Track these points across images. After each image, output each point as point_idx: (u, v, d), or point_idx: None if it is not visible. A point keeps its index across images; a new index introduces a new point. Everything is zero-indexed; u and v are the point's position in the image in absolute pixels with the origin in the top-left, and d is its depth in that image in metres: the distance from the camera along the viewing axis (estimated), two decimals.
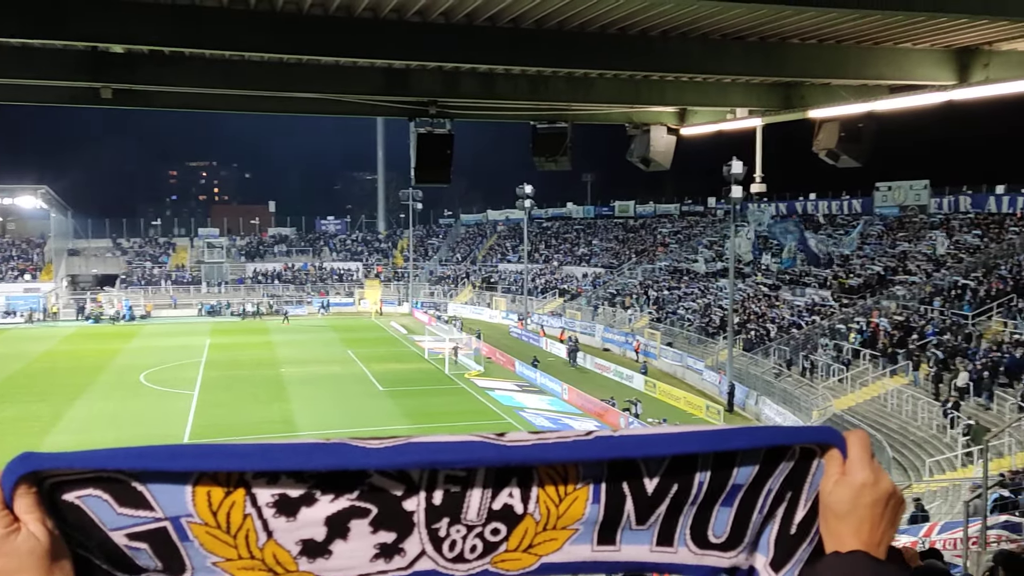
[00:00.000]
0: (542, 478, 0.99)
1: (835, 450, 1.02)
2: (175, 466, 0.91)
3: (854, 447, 1.02)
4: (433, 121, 12.87)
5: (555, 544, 1.01)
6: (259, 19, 8.38)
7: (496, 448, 0.96)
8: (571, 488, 1.00)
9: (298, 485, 0.94)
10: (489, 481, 0.98)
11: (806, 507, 1.04)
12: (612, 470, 1.00)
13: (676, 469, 1.01)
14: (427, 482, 0.97)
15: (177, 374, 41.79)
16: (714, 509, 1.04)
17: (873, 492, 1.00)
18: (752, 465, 1.02)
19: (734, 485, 1.03)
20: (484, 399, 36.33)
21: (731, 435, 1.01)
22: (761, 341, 40.03)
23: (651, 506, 1.02)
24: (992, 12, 7.88)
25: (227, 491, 0.93)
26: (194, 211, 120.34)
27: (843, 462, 1.02)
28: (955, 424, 25.53)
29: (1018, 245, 37.11)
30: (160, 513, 0.92)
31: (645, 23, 9.61)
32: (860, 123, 12.30)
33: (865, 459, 1.02)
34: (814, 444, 1.03)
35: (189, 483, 0.92)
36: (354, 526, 0.95)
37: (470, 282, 73.43)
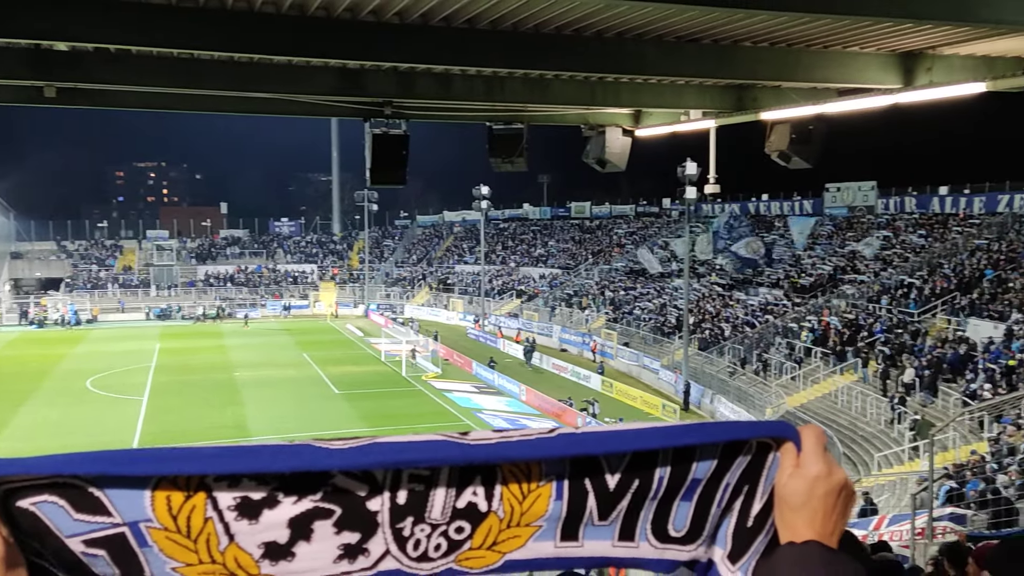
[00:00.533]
0: (506, 476, 0.99)
1: (790, 444, 1.05)
2: (133, 470, 0.89)
3: (808, 441, 1.05)
4: (388, 122, 12.78)
5: (519, 541, 1.02)
6: (208, 16, 8.23)
7: (460, 447, 0.96)
8: (534, 485, 1.00)
9: (260, 487, 0.92)
10: (453, 480, 0.98)
11: (762, 500, 1.06)
12: (574, 467, 1.01)
13: (637, 465, 1.02)
14: (391, 482, 0.96)
15: (125, 379, 40.91)
16: (674, 503, 1.06)
17: (826, 484, 1.03)
18: (710, 460, 1.04)
19: (693, 479, 1.05)
20: (441, 401, 36.22)
21: (690, 430, 1.03)
22: (716, 340, 40.57)
23: (613, 502, 1.03)
24: (936, 17, 8.08)
25: (187, 495, 0.91)
26: (142, 213, 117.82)
27: (797, 455, 1.05)
28: (902, 419, 26.17)
29: (961, 245, 38.17)
30: (118, 519, 0.90)
31: (600, 25, 9.66)
32: (810, 125, 12.52)
33: (819, 452, 1.04)
34: (770, 438, 1.06)
35: (148, 487, 0.90)
36: (317, 527, 0.94)
37: (427, 284, 73.16)
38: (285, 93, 11.45)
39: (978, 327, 29.28)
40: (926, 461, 15.91)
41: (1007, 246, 35.12)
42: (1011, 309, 28.94)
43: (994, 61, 10.56)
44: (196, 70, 10.51)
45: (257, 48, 9.07)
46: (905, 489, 19.28)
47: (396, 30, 9.02)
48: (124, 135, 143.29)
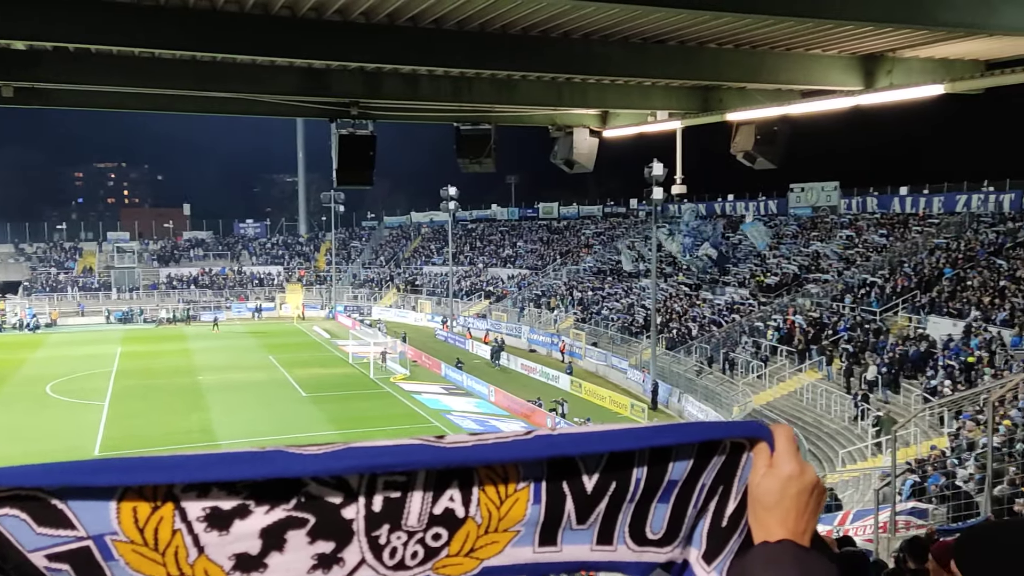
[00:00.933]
0: (483, 480, 0.98)
1: (763, 444, 1.05)
2: (97, 481, 0.86)
3: (781, 440, 1.06)
4: (355, 122, 12.70)
5: (497, 547, 1.00)
6: (170, 15, 8.10)
7: (435, 450, 0.94)
8: (512, 489, 0.99)
9: (230, 497, 0.89)
10: (429, 485, 0.96)
11: (736, 500, 1.07)
12: (552, 469, 1.00)
13: (614, 466, 1.01)
14: (366, 488, 0.94)
15: (86, 384, 40.18)
16: (652, 506, 1.05)
17: (799, 483, 1.04)
18: (686, 460, 1.04)
19: (670, 481, 1.04)
20: (410, 403, 36.07)
21: (665, 431, 1.03)
22: (683, 340, 40.89)
23: (591, 505, 1.02)
24: (895, 20, 8.21)
25: (154, 506, 0.88)
26: (102, 214, 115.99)
27: (771, 455, 1.06)
28: (865, 416, 26.58)
29: (920, 244, 38.89)
30: (82, 532, 0.86)
31: (567, 26, 9.68)
32: (775, 126, 12.67)
33: (791, 452, 1.05)
34: (743, 438, 1.06)
35: (113, 499, 0.87)
36: (291, 537, 0.92)
37: (394, 285, 72.83)
38: (249, 93, 11.32)
39: (938, 325, 29.85)
40: (888, 457, 16.18)
41: (965, 245, 35.85)
42: (970, 307, 29.54)
43: (952, 63, 10.77)
44: (157, 69, 10.35)
45: (220, 47, 8.95)
46: (869, 484, 19.58)
47: (362, 30, 8.95)
48: (83, 135, 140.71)
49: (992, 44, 9.88)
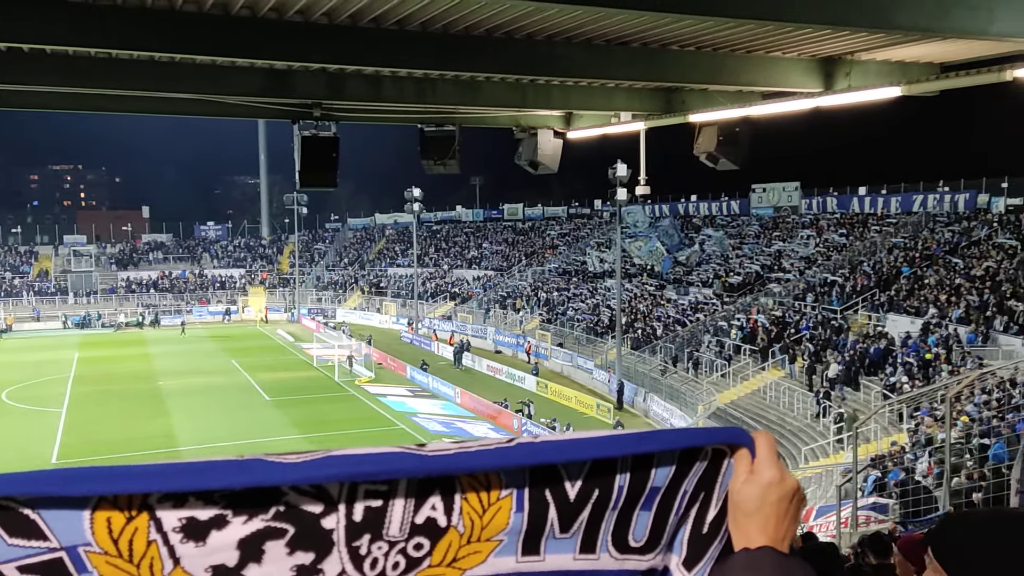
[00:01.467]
0: (465, 488, 0.96)
1: (744, 450, 1.05)
2: (71, 491, 0.83)
3: (761, 447, 1.06)
4: (318, 124, 12.59)
5: (479, 557, 0.99)
6: (127, 15, 7.96)
7: (417, 458, 0.93)
8: (494, 497, 0.98)
9: (208, 506, 0.87)
10: (411, 493, 0.94)
11: (717, 506, 1.07)
12: (534, 477, 0.99)
13: (596, 474, 1.01)
14: (346, 497, 0.92)
15: (43, 391, 39.33)
16: (634, 513, 1.05)
17: (779, 490, 1.04)
18: (668, 467, 1.04)
19: (652, 488, 1.04)
20: (376, 405, 35.86)
21: (647, 438, 1.02)
22: (648, 339, 41.16)
23: (574, 513, 1.01)
24: (853, 23, 8.35)
25: (129, 516, 0.85)
26: (59, 217, 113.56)
27: (751, 461, 1.06)
28: (827, 413, 26.98)
29: (879, 243, 39.60)
30: (55, 543, 0.84)
31: (530, 27, 9.70)
32: (737, 127, 12.82)
33: (772, 458, 1.06)
34: (725, 445, 1.06)
35: (87, 509, 0.84)
36: (269, 548, 0.90)
37: (359, 287, 72.34)
38: (210, 94, 11.17)
39: (896, 322, 30.42)
40: (849, 453, 16.44)
41: (922, 244, 36.58)
42: (927, 305, 30.15)
43: (908, 66, 10.98)
44: (115, 70, 10.16)
45: (179, 47, 8.82)
46: (831, 481, 19.88)
47: (324, 30, 8.88)
48: (39, 137, 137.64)
49: (946, 47, 10.09)
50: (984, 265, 31.18)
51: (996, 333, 26.44)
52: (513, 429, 31.40)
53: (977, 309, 28.06)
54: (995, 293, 28.50)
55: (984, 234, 34.30)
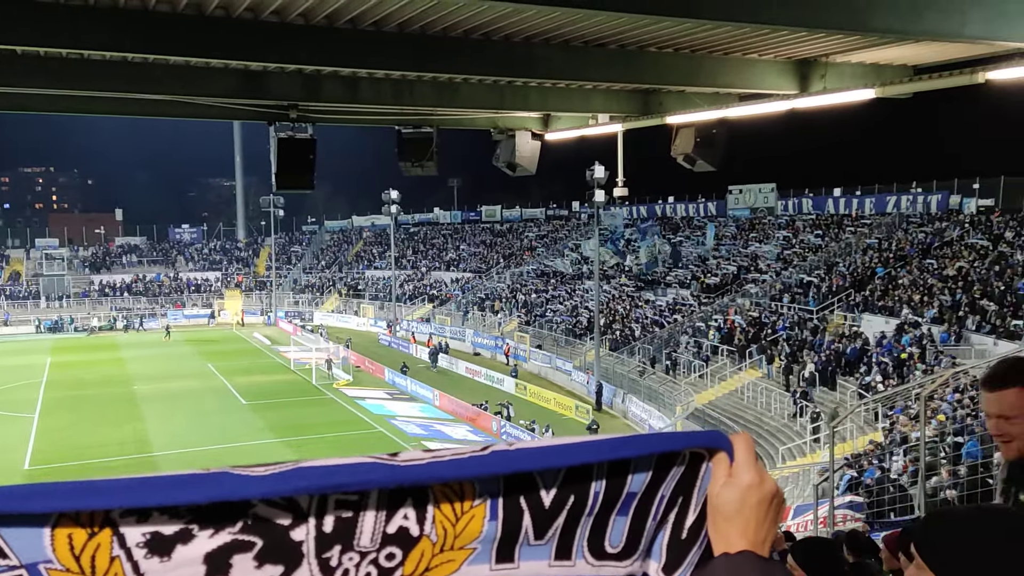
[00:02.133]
0: (438, 497, 0.94)
1: (722, 453, 1.04)
2: (30, 507, 0.80)
3: (740, 450, 1.05)
4: (294, 125, 12.50)
5: (453, 566, 0.97)
6: (99, 14, 7.84)
7: (389, 468, 0.90)
8: (468, 506, 0.95)
9: (172, 521, 0.84)
10: (383, 503, 0.92)
11: (696, 511, 1.05)
12: (508, 484, 0.97)
13: (572, 480, 0.99)
14: (316, 508, 0.89)
15: (14, 396, 38.76)
16: (610, 518, 1.03)
17: (758, 493, 1.03)
18: (645, 472, 1.02)
19: (629, 493, 1.02)
20: (354, 409, 35.67)
21: (624, 443, 1.00)
22: (626, 341, 41.30)
23: (549, 519, 0.99)
24: (828, 25, 8.41)
25: (91, 532, 0.82)
26: (30, 220, 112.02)
27: (730, 465, 1.04)
28: (804, 413, 27.19)
29: (854, 244, 40.01)
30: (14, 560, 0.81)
31: (508, 29, 9.68)
32: (714, 129, 12.88)
33: (750, 461, 1.04)
34: (702, 448, 1.04)
35: (47, 525, 0.81)
36: (237, 562, 0.87)
37: (336, 290, 71.99)
38: (184, 95, 11.04)
39: (871, 322, 30.74)
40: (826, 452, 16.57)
41: (896, 245, 37.00)
42: (901, 305, 30.49)
43: (882, 68, 11.09)
44: (87, 71, 10.02)
45: (152, 48, 8.70)
46: (808, 480, 20.03)
47: (300, 31, 8.81)
48: (9, 139, 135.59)
49: (920, 50, 10.20)
50: (956, 265, 31.60)
51: (968, 332, 26.80)
52: (492, 431, 31.37)
53: (950, 309, 28.42)
54: (967, 293, 28.88)
55: (956, 235, 34.76)
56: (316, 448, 29.28)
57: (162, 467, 26.93)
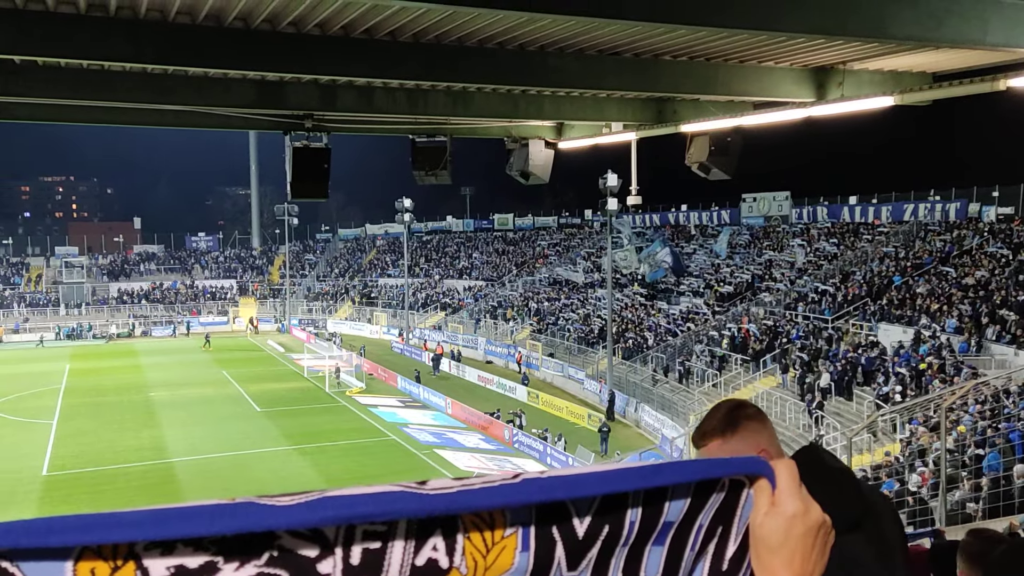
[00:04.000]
0: (467, 527, 0.91)
1: (764, 481, 0.99)
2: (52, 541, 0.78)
3: (783, 477, 0.99)
4: (309, 135, 12.55)
5: None
6: (119, 26, 7.91)
7: (418, 498, 0.87)
8: (499, 536, 0.92)
9: (197, 553, 0.82)
10: (411, 534, 0.89)
11: (737, 541, 1.01)
12: (541, 514, 0.93)
13: (606, 509, 0.96)
14: (343, 539, 0.86)
15: (33, 403, 39.05)
16: (646, 548, 1.00)
17: (804, 523, 0.98)
18: (683, 499, 0.99)
19: (665, 522, 0.99)
20: (367, 416, 35.71)
21: (661, 471, 0.96)
22: (639, 349, 41.14)
23: (582, 550, 0.96)
24: (846, 33, 8.36)
25: (114, 566, 0.80)
26: (50, 229, 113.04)
27: (772, 493, 0.99)
28: (820, 423, 26.97)
29: (870, 252, 39.72)
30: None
31: (522, 38, 9.68)
32: (729, 137, 12.82)
33: (795, 489, 0.99)
34: (743, 475, 1.00)
35: (69, 559, 0.79)
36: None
37: (349, 298, 72.19)
38: (202, 106, 11.10)
39: (888, 332, 30.48)
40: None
41: (913, 253, 36.71)
42: (919, 314, 30.21)
43: (901, 76, 11.01)
44: (107, 82, 10.10)
45: (172, 59, 8.76)
46: None
47: (317, 42, 8.85)
48: (30, 148, 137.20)
49: (939, 56, 10.12)
50: (976, 274, 31.30)
51: (988, 342, 26.51)
52: (504, 440, 31.30)
53: (970, 318, 28.13)
54: (987, 302, 28.59)
55: (975, 243, 34.45)
56: (329, 455, 29.32)
57: (178, 473, 27.05)
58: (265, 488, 25.17)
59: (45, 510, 23.40)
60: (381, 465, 28.16)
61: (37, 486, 25.92)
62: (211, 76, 10.47)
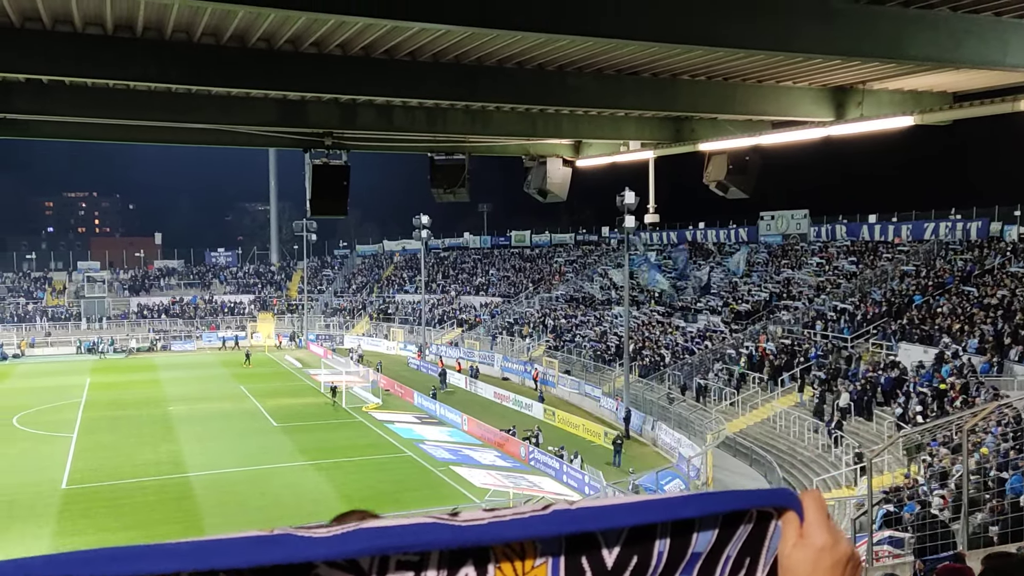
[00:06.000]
0: (499, 557, 0.93)
1: (792, 512, 1.00)
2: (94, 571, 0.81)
3: (811, 509, 1.00)
4: (329, 152, 12.67)
5: None
6: (146, 47, 8.05)
7: (450, 529, 0.89)
8: (529, 566, 0.94)
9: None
10: (443, 564, 0.91)
11: (764, 572, 1.02)
12: (570, 544, 0.95)
13: (635, 539, 0.97)
14: (378, 569, 0.89)
15: (54, 416, 39.36)
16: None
17: (832, 555, 0.98)
18: (710, 531, 1.00)
19: (693, 553, 1.00)
20: (383, 432, 35.71)
21: (689, 502, 0.98)
22: (656, 367, 40.95)
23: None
24: (863, 53, 8.36)
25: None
26: (73, 244, 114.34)
27: (800, 525, 1.00)
28: (839, 443, 26.69)
29: (890, 271, 39.41)
30: None
31: (541, 58, 9.76)
32: (747, 156, 12.82)
33: (822, 521, 1.00)
34: (771, 507, 1.01)
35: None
36: None
37: (366, 314, 72.42)
38: (225, 124, 11.26)
39: (909, 351, 30.16)
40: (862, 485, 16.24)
41: (934, 272, 36.38)
42: (940, 334, 29.89)
43: (921, 95, 10.99)
44: (132, 101, 10.26)
45: (196, 79, 8.90)
46: (844, 513, 19.64)
47: (338, 62, 8.96)
48: (53, 164, 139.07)
49: (959, 77, 10.10)
50: (998, 294, 30.97)
51: (1011, 363, 26.18)
52: (520, 457, 31.20)
53: (992, 338, 27.80)
54: (1009, 322, 28.26)
55: (997, 262, 34.10)
56: (345, 471, 29.33)
57: (195, 488, 27.14)
58: (281, 503, 25.20)
59: (64, 524, 23.54)
60: (397, 481, 28.13)
61: (56, 499, 26.08)
62: (234, 95, 10.61)
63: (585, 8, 6.89)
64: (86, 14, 7.58)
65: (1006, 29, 7.63)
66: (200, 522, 23.45)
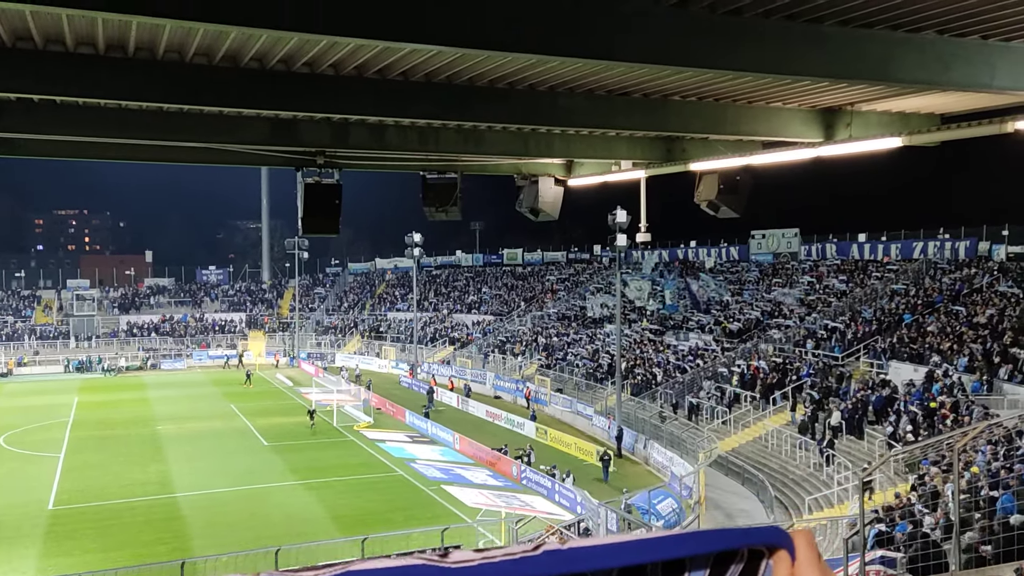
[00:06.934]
0: None
1: (783, 551, 1.00)
2: None
3: (801, 548, 1.00)
4: (321, 171, 12.68)
5: None
6: (137, 67, 8.06)
7: (441, 571, 0.88)
8: None
9: None
10: None
11: None
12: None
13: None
14: None
15: (41, 435, 39.03)
16: None
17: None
18: (702, 570, 0.99)
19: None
20: (374, 451, 35.53)
21: (680, 541, 0.97)
22: (648, 385, 40.92)
23: None
24: (851, 76, 8.44)
25: None
26: (62, 262, 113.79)
27: (792, 564, 1.00)
28: (830, 462, 26.67)
29: (880, 290, 39.58)
30: None
31: (533, 78, 9.82)
32: (738, 176, 12.90)
33: (813, 560, 0.99)
34: (762, 546, 1.00)
35: None
36: None
37: (358, 332, 72.24)
38: (217, 142, 11.26)
39: (899, 370, 30.24)
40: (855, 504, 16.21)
41: (923, 291, 36.56)
42: (930, 352, 30.00)
43: (909, 117, 11.09)
44: (124, 119, 10.26)
45: (188, 98, 8.92)
46: (836, 532, 19.60)
47: (331, 82, 8.99)
48: (43, 182, 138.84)
49: (947, 99, 10.20)
50: (987, 313, 31.12)
51: (1000, 382, 26.27)
52: (512, 476, 31.06)
53: (981, 357, 27.91)
54: (998, 341, 28.39)
55: (986, 281, 34.30)
56: (336, 491, 29.14)
57: (184, 508, 26.89)
58: (271, 523, 24.98)
59: (51, 546, 23.26)
60: (387, 501, 27.96)
61: (43, 520, 25.80)
62: (226, 114, 10.63)
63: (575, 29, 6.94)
64: (78, 34, 7.59)
65: (992, 52, 7.72)
66: (189, 543, 23.21)
